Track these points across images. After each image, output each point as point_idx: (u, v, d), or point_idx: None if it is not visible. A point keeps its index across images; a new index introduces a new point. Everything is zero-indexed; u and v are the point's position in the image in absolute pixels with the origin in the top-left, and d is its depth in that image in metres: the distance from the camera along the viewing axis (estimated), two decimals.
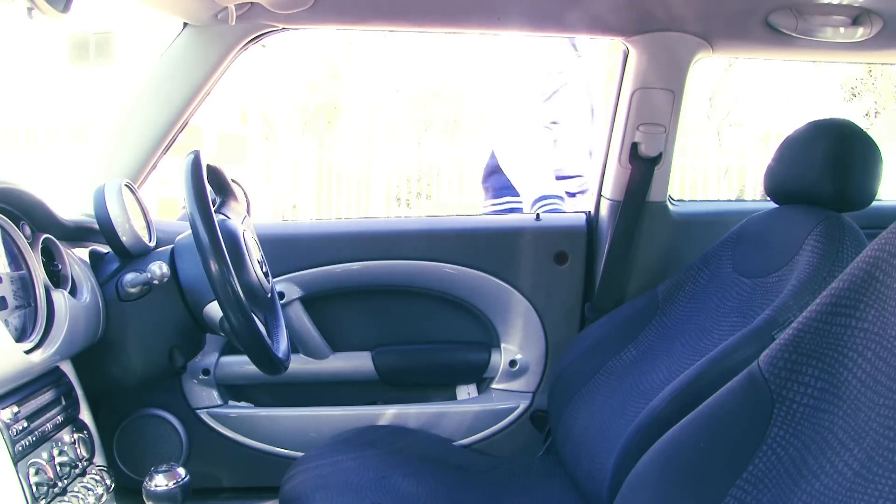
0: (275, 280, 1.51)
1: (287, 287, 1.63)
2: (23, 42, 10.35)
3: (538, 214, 1.73)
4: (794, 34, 1.47)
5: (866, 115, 10.39)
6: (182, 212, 1.63)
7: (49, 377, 1.05)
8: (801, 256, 1.17)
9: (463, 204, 7.61)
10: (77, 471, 1.03)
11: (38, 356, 0.98)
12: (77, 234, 1.34)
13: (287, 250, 1.62)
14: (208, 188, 1.15)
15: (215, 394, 1.63)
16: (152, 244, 1.32)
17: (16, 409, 0.95)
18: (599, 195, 1.74)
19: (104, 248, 1.31)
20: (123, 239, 1.23)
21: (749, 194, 7.66)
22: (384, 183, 8.97)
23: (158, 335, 1.23)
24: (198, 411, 1.61)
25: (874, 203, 1.25)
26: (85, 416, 1.10)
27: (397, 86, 11.71)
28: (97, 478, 1.04)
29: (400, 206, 8.94)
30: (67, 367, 1.11)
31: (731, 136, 10.35)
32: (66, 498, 0.99)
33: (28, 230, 1.10)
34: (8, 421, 0.92)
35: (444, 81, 11.48)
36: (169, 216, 1.69)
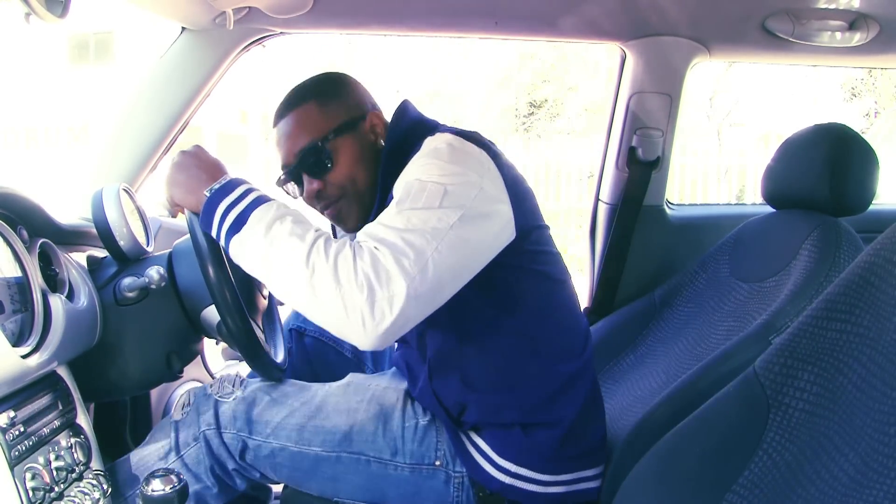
0: None
1: None
2: (23, 42, 10.37)
3: None
4: (790, 39, 1.47)
5: (866, 115, 10.37)
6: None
7: (46, 382, 1.05)
8: (797, 261, 1.17)
9: None
10: (74, 475, 1.03)
11: (34, 360, 0.98)
12: (74, 238, 1.34)
13: None
14: None
15: None
16: (150, 248, 1.32)
17: (12, 413, 0.94)
18: (597, 199, 1.74)
19: (102, 253, 1.31)
20: (121, 243, 1.23)
21: (749, 194, 7.65)
22: None
23: (156, 340, 1.22)
24: None
25: (872, 206, 1.25)
26: (82, 420, 1.10)
27: (397, 86, 11.70)
28: (94, 482, 1.04)
29: None
30: (64, 372, 1.11)
31: (731, 136, 10.34)
32: (62, 503, 0.98)
33: (25, 234, 1.09)
34: (4, 425, 0.92)
35: (444, 81, 11.48)
36: None
